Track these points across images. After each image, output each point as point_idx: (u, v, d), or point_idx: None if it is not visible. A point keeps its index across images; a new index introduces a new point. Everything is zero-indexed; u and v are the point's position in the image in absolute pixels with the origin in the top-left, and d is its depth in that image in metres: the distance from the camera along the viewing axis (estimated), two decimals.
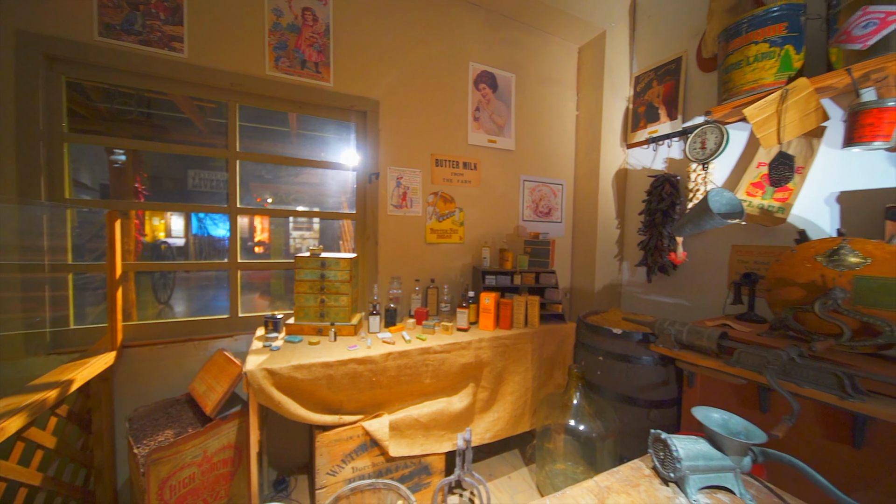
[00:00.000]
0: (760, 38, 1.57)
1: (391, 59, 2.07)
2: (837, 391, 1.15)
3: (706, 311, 2.06)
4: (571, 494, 0.85)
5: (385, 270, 2.08)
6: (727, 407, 1.52)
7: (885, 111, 1.25)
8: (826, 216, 1.62)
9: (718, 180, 2.00)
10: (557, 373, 2.02)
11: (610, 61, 2.46)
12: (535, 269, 2.17)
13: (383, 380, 1.55)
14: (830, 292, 1.28)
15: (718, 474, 0.85)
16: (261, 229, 5.96)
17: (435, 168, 2.20)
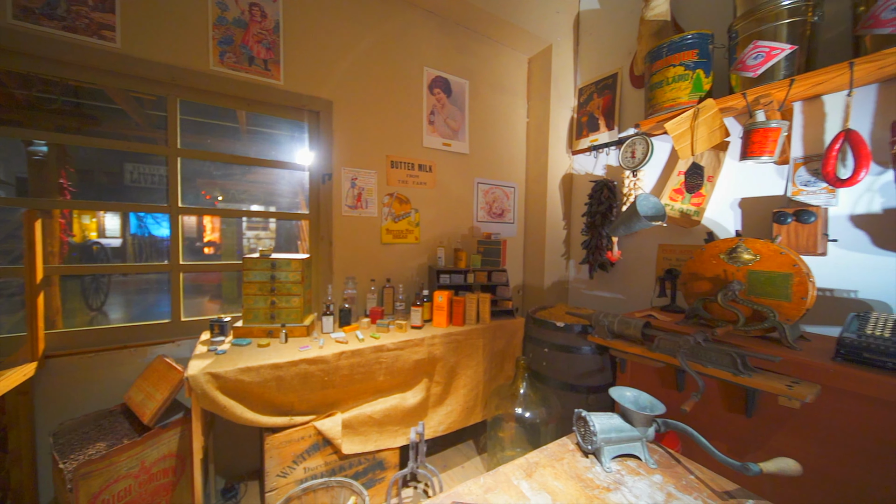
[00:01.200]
0: (677, 62, 1.78)
1: (345, 61, 2.08)
2: (732, 369, 1.35)
3: (638, 303, 2.28)
4: (504, 471, 0.94)
5: (340, 271, 2.09)
6: (651, 388, 1.72)
7: (770, 131, 1.48)
8: (731, 219, 1.87)
9: (647, 186, 2.22)
10: (508, 365, 2.14)
11: (556, 73, 2.64)
12: (488, 267, 2.28)
13: (336, 379, 1.56)
14: (730, 285, 1.49)
15: (628, 444, 0.98)
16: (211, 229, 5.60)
17: (390, 170, 2.23)
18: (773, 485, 1.31)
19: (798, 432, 1.26)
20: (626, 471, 0.93)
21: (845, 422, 1.16)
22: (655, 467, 0.94)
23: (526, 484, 0.89)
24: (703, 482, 0.89)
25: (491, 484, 0.89)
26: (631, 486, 0.87)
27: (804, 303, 1.35)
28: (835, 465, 1.18)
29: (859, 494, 1.13)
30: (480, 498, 0.84)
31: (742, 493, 0.84)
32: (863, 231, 1.45)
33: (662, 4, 1.97)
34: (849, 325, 1.25)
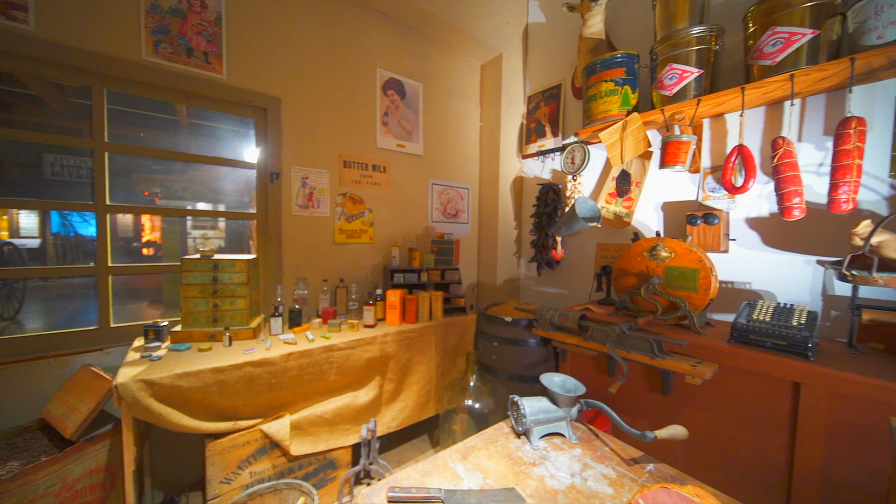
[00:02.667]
0: (609, 78, 1.95)
1: (294, 58, 2.04)
2: (649, 353, 1.52)
3: (580, 297, 2.47)
4: (442, 456, 1.01)
5: (290, 271, 2.05)
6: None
7: (682, 143, 1.68)
8: (656, 220, 2.09)
9: (587, 190, 2.41)
10: (460, 360, 2.22)
11: (506, 80, 2.77)
12: (441, 266, 2.35)
13: (284, 381, 1.55)
14: (650, 280, 1.68)
15: (555, 423, 1.09)
16: (150, 228, 5.17)
17: (343, 169, 2.23)
18: (686, 451, 1.50)
19: (703, 405, 1.46)
20: (551, 447, 1.03)
21: (737, 393, 1.36)
22: (577, 442, 1.06)
23: (461, 466, 0.96)
24: (615, 452, 1.01)
25: (429, 468, 0.95)
26: (554, 459, 0.98)
27: (708, 294, 1.55)
28: (730, 430, 1.38)
29: (748, 452, 1.33)
30: (418, 481, 0.89)
31: (645, 459, 0.97)
32: (755, 231, 1.70)
33: (598, 24, 2.14)
34: (741, 312, 1.46)
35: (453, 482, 0.90)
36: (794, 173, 1.41)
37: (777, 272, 1.64)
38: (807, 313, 1.33)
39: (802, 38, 1.36)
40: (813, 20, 1.35)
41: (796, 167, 1.41)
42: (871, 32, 1.23)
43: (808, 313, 1.33)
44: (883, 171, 1.33)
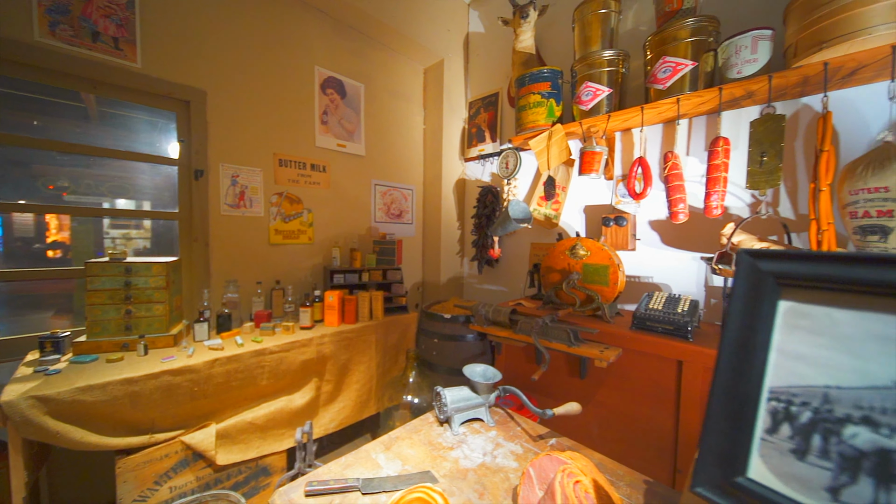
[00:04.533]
0: (536, 91, 2.12)
1: (223, 50, 1.94)
2: (567, 342, 1.68)
3: (517, 294, 2.63)
4: (366, 448, 1.05)
5: (219, 274, 1.95)
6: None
7: (595, 153, 1.88)
8: (579, 222, 2.30)
9: (522, 193, 2.58)
10: (401, 358, 2.27)
11: (448, 86, 2.86)
12: (383, 266, 2.37)
13: (209, 388, 1.48)
14: (570, 276, 1.86)
15: (475, 410, 1.18)
16: (57, 227, 4.53)
17: (279, 168, 2.16)
18: (600, 427, 1.68)
19: (612, 385, 1.65)
20: (470, 432, 1.12)
21: (637, 373, 1.56)
22: (493, 425, 1.16)
23: (383, 456, 1.01)
24: (525, 431, 1.13)
25: (351, 461, 0.99)
26: (471, 442, 1.06)
27: (617, 287, 1.76)
28: (632, 405, 1.58)
29: (646, 423, 1.54)
30: (339, 474, 0.93)
31: (550, 435, 1.10)
32: (656, 232, 1.95)
33: (528, 39, 2.31)
34: (641, 302, 1.68)
35: (373, 471, 0.94)
36: (680, 183, 1.65)
37: (672, 267, 1.90)
38: (690, 302, 1.57)
39: (686, 67, 1.60)
40: (693, 53, 1.60)
41: (682, 178, 1.66)
42: (733, 68, 1.48)
43: (691, 302, 1.57)
44: (743, 183, 1.62)
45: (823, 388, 0.34)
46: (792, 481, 0.34)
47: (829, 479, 0.32)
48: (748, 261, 0.40)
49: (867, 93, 1.38)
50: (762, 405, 0.36)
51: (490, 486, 0.88)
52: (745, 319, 0.39)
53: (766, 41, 1.43)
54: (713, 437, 0.38)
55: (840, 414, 0.33)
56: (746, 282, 0.39)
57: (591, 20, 1.94)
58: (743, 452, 0.36)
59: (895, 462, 0.30)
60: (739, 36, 1.45)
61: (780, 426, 0.35)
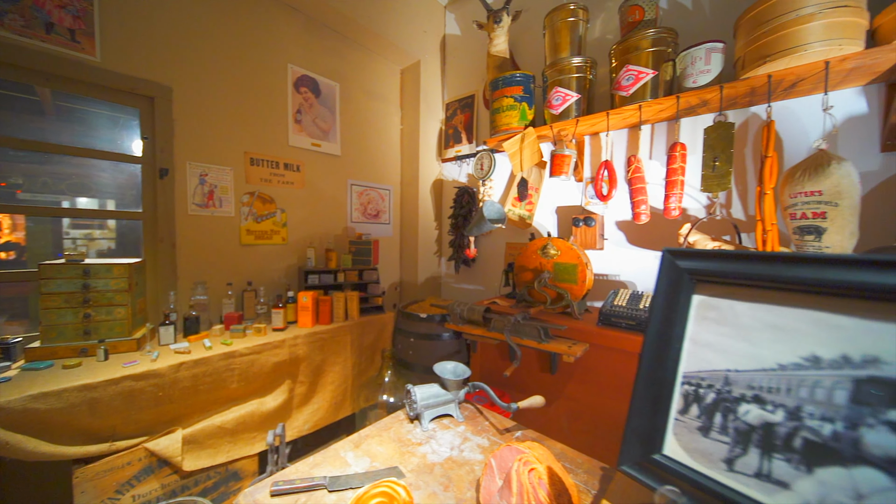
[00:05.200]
0: (509, 94, 2.17)
1: (190, 45, 1.89)
2: (538, 338, 1.74)
3: (493, 292, 2.68)
4: (335, 447, 1.06)
5: (186, 275, 1.89)
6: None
7: (564, 157, 1.94)
8: (552, 222, 2.37)
9: (497, 193, 2.64)
10: (378, 358, 2.27)
11: (425, 87, 2.88)
12: (359, 266, 2.37)
13: (174, 393, 1.44)
14: (542, 274, 1.91)
15: (444, 406, 1.21)
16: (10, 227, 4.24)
17: (250, 167, 2.12)
18: (569, 420, 1.75)
19: (581, 379, 1.72)
20: (439, 427, 1.15)
21: (603, 367, 1.63)
22: (462, 420, 1.19)
23: (352, 454, 1.02)
24: (493, 425, 1.16)
25: (319, 460, 0.99)
26: (439, 438, 1.09)
27: (585, 285, 1.82)
28: (599, 398, 1.65)
29: (611, 415, 1.61)
30: (305, 474, 0.93)
31: (516, 428, 1.14)
32: (622, 232, 2.04)
33: (502, 43, 2.35)
34: (607, 299, 1.75)
35: (342, 469, 0.95)
36: (642, 185, 1.73)
37: (638, 265, 1.99)
38: (651, 298, 1.65)
39: (647, 76, 1.68)
40: (654, 63, 1.68)
41: (644, 181, 1.74)
42: (689, 77, 1.58)
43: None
44: (699, 186, 1.72)
45: (725, 371, 0.38)
46: (697, 455, 0.38)
47: (726, 452, 0.36)
48: (669, 259, 0.44)
49: (806, 104, 1.50)
50: (677, 389, 0.41)
51: (455, 478, 0.91)
52: (665, 312, 0.43)
53: (718, 53, 1.52)
54: (636, 419, 0.42)
55: (737, 394, 0.37)
56: (667, 278, 0.44)
57: (561, 27, 2.00)
58: (660, 432, 0.40)
59: (776, 434, 0.34)
60: (694, 48, 1.55)
61: (690, 407, 0.40)
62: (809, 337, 0.34)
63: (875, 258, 0.31)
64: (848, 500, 0.29)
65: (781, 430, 0.34)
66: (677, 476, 0.38)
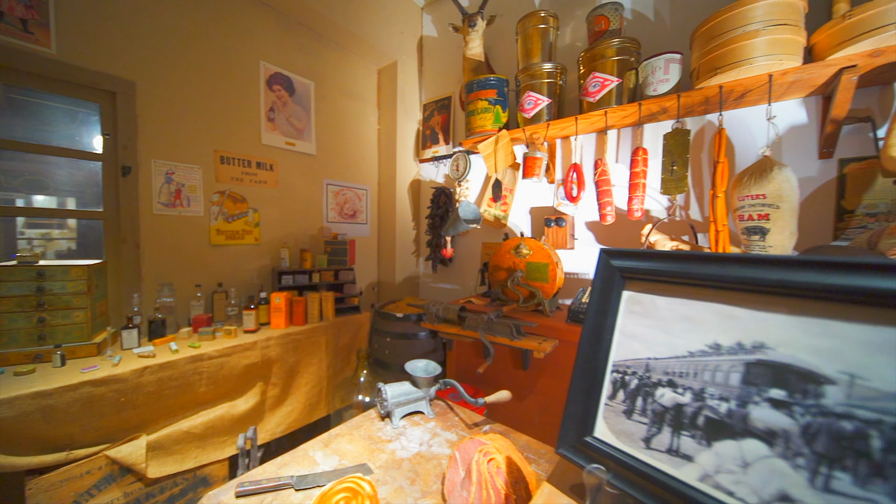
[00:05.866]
0: (484, 97, 2.21)
1: (155, 39, 1.82)
2: (510, 335, 1.79)
3: (470, 292, 2.72)
4: (304, 447, 1.06)
5: (152, 277, 1.83)
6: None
7: (536, 159, 2.00)
8: (526, 223, 2.43)
9: (474, 194, 2.68)
10: (354, 358, 2.26)
11: (402, 87, 2.89)
12: (335, 267, 2.35)
13: (138, 398, 1.40)
14: (515, 273, 1.97)
15: (416, 403, 1.23)
16: None
17: (220, 165, 2.07)
18: (540, 414, 1.80)
19: (551, 374, 1.78)
20: (410, 424, 1.17)
21: (572, 362, 1.69)
22: (433, 417, 1.21)
23: (321, 453, 1.03)
24: (462, 420, 1.19)
25: (287, 460, 1.00)
26: (409, 434, 1.11)
27: (556, 283, 1.89)
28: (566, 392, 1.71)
29: None
30: (273, 474, 0.93)
31: (484, 422, 1.17)
32: (591, 232, 2.12)
33: (477, 47, 2.40)
34: (576, 297, 1.82)
35: (310, 468, 0.96)
36: (608, 188, 1.81)
37: None
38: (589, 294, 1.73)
39: (612, 83, 1.76)
40: (619, 71, 1.76)
41: (610, 183, 1.82)
42: (650, 86, 1.66)
43: None
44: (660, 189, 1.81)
45: (646, 359, 0.42)
46: (622, 436, 0.42)
47: (645, 431, 0.40)
48: (604, 258, 0.48)
49: (754, 113, 1.61)
50: (607, 377, 0.45)
51: (422, 472, 0.94)
52: (599, 307, 0.47)
53: (676, 64, 1.61)
54: (573, 406, 0.45)
55: (655, 379, 0.41)
56: (601, 276, 0.48)
57: (532, 34, 2.06)
58: (591, 416, 0.44)
59: (685, 413, 0.39)
60: (655, 58, 1.63)
61: (618, 392, 0.44)
62: (713, 326, 0.38)
63: (760, 257, 0.35)
64: (736, 468, 0.34)
65: (689, 410, 0.38)
66: (604, 455, 0.42)
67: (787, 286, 0.33)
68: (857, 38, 1.20)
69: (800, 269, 0.33)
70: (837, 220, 1.47)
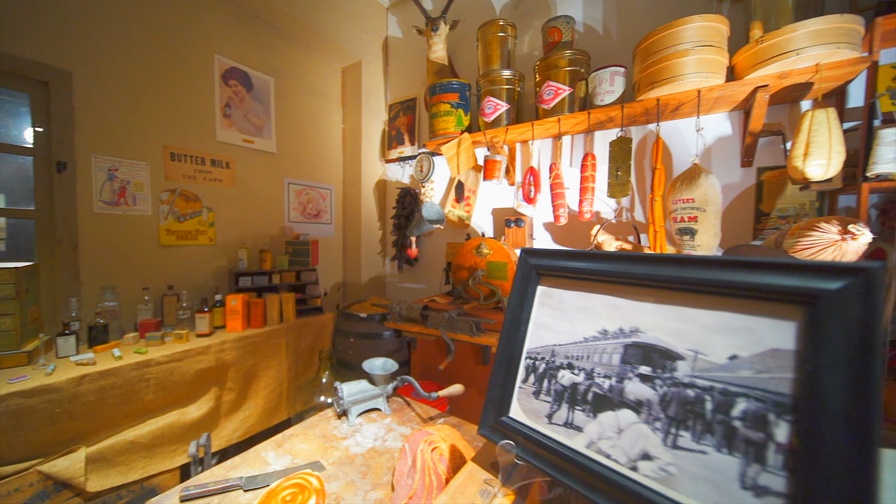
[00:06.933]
0: (446, 100, 2.26)
1: (95, 27, 1.71)
2: (470, 332, 1.84)
3: (435, 291, 2.77)
4: (256, 449, 1.05)
5: (92, 280, 1.72)
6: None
7: (495, 162, 2.08)
8: (489, 223, 2.51)
9: (439, 194, 2.72)
10: (317, 359, 2.24)
11: (367, 87, 2.88)
12: (296, 267, 2.31)
13: (75, 409, 1.32)
14: (476, 272, 2.03)
15: (373, 400, 1.25)
16: None
17: (170, 162, 1.97)
18: None
19: None
20: (366, 421, 1.19)
21: None
22: (390, 413, 1.24)
23: (273, 453, 1.03)
24: (418, 415, 1.23)
25: (238, 462, 0.99)
26: (365, 431, 1.13)
27: None
28: None
29: None
30: (221, 476, 0.92)
31: (439, 416, 1.21)
32: (548, 233, 2.23)
33: (440, 50, 2.44)
34: None
35: (261, 469, 0.96)
36: (562, 191, 1.92)
37: None
38: None
39: (564, 92, 1.86)
40: (571, 80, 1.87)
41: (563, 186, 1.93)
42: (598, 96, 1.78)
43: None
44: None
45: (552, 346, 0.48)
46: (531, 414, 0.47)
47: (548, 409, 0.46)
48: (524, 257, 0.54)
49: (688, 124, 1.77)
50: (521, 363, 0.50)
51: (375, 466, 0.96)
52: (518, 301, 0.52)
53: (620, 76, 1.74)
54: (493, 390, 0.50)
55: (558, 363, 0.47)
56: (521, 272, 0.53)
57: (492, 41, 2.14)
58: (508, 399, 0.49)
59: (578, 391, 0.45)
60: (602, 70, 1.75)
61: (529, 376, 0.49)
62: (602, 315, 0.44)
63: (635, 255, 0.42)
64: (613, 434, 0.40)
65: (581, 388, 0.44)
66: (516, 432, 0.47)
67: (654, 279, 0.40)
68: (767, 61, 1.36)
69: (661, 264, 0.39)
70: (756, 221, 1.65)
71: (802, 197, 1.55)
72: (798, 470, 0.28)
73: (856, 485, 0.26)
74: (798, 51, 1.28)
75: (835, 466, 0.27)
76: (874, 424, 0.27)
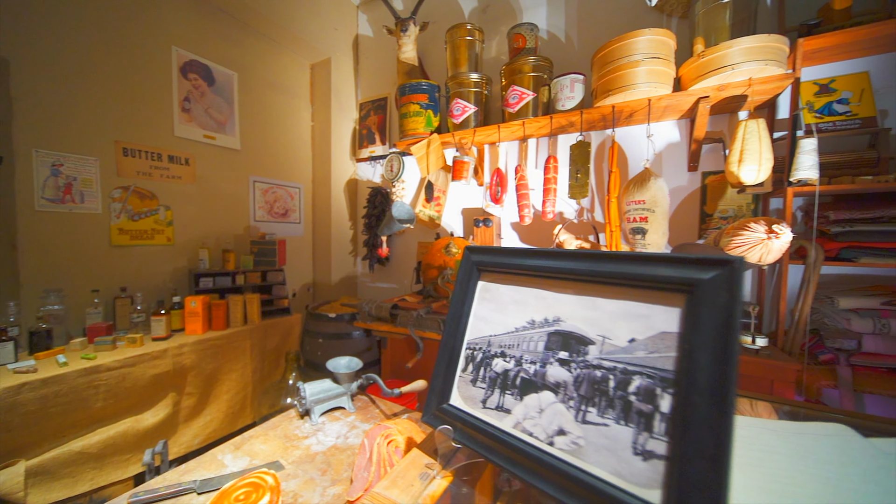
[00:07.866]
0: (416, 101, 2.28)
1: (36, 11, 1.60)
2: (438, 330, 1.88)
3: (406, 290, 2.78)
4: (213, 452, 1.03)
5: (34, 282, 1.61)
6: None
7: (464, 162, 2.12)
8: (459, 223, 2.55)
9: (410, 194, 2.74)
10: (283, 361, 2.20)
11: (337, 85, 2.85)
12: (262, 268, 2.26)
13: (13, 420, 1.24)
14: (444, 271, 2.06)
15: (336, 399, 1.26)
16: None
17: (123, 158, 1.88)
18: None
19: None
20: (329, 420, 1.19)
21: None
22: (354, 411, 1.25)
23: (231, 455, 1.01)
24: (382, 412, 1.25)
25: (192, 466, 0.97)
26: (327, 429, 1.14)
27: None
28: None
29: None
30: (173, 481, 0.90)
31: (403, 412, 1.24)
32: (515, 232, 2.30)
33: (410, 51, 2.45)
34: None
35: (217, 471, 0.95)
36: (526, 192, 1.99)
37: None
38: None
39: (529, 97, 1.93)
40: (534, 86, 1.94)
41: (528, 187, 1.99)
42: (559, 101, 1.85)
43: None
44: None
45: (489, 336, 0.52)
46: (468, 400, 0.51)
47: (483, 394, 0.50)
48: (467, 254, 0.57)
49: (641, 131, 1.88)
50: (462, 353, 0.53)
51: (335, 463, 0.97)
52: (460, 296, 0.55)
53: (580, 83, 1.82)
54: (436, 380, 0.53)
55: (493, 352, 0.51)
56: (464, 269, 0.56)
57: (460, 44, 2.18)
58: (449, 387, 0.53)
59: (509, 377, 0.49)
60: (563, 76, 1.83)
61: (468, 366, 0.52)
62: (531, 307, 0.49)
63: (559, 252, 0.46)
64: (536, 414, 0.44)
65: (511, 374, 0.48)
66: (455, 418, 0.50)
67: (574, 273, 0.44)
68: (708, 74, 1.48)
69: (579, 260, 0.44)
70: (701, 222, 1.78)
71: (740, 199, 1.69)
72: (674, 435, 0.33)
73: (715, 443, 0.31)
74: (734, 66, 1.40)
75: (701, 430, 0.32)
76: (730, 392, 0.32)
